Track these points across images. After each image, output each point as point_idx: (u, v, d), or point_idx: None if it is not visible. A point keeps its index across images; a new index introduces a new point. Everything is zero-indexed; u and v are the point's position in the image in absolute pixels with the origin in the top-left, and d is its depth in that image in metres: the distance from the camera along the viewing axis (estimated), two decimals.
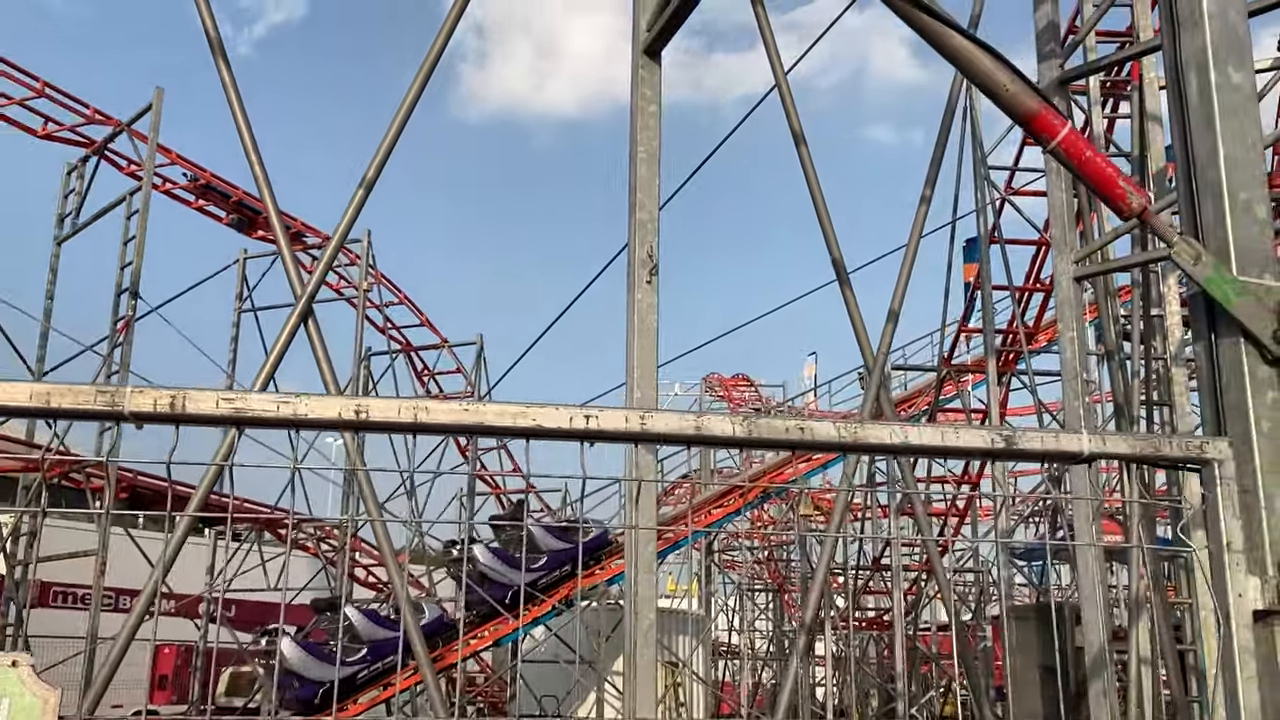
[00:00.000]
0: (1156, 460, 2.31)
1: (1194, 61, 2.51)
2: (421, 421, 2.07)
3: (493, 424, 2.07)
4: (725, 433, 2.14)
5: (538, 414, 2.07)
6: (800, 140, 6.55)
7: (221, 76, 5.75)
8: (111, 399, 1.97)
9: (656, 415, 2.12)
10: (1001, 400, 19.92)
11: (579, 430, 2.09)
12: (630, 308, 5.69)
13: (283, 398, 2.03)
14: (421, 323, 26.04)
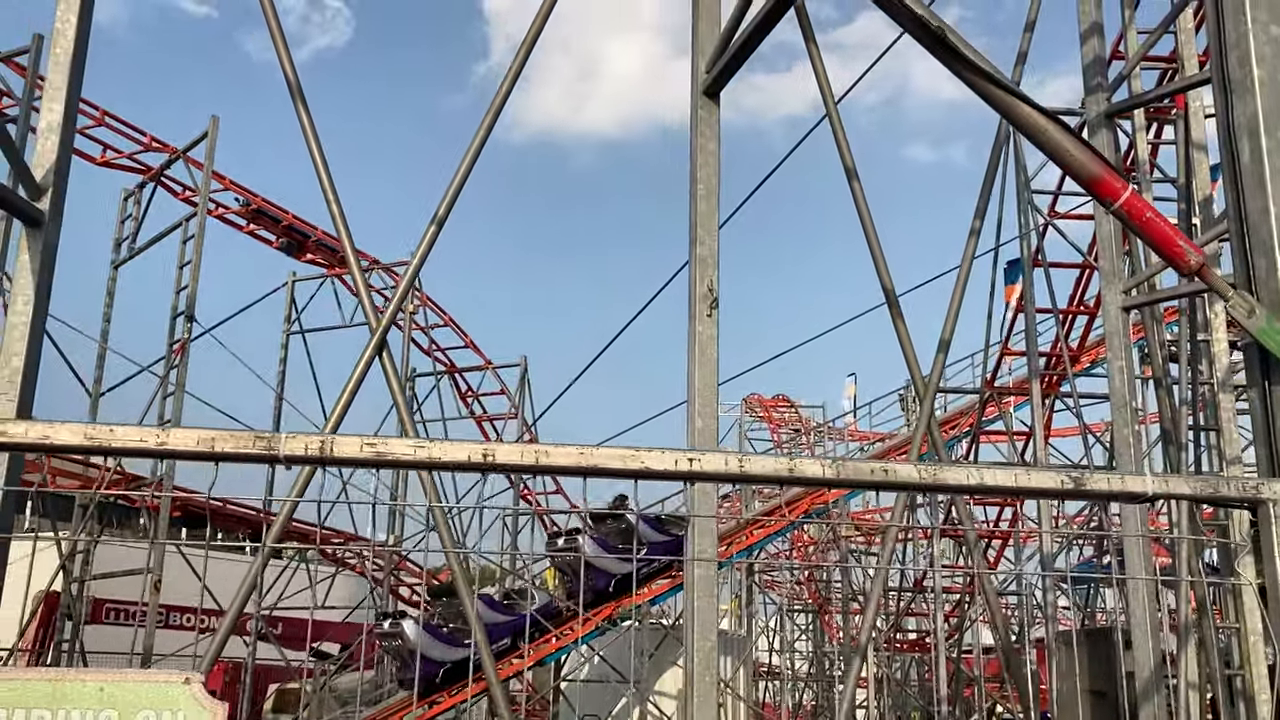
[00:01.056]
0: (1215, 500, 2.48)
1: (1246, 127, 2.69)
2: (542, 464, 2.28)
3: (606, 465, 2.29)
4: (816, 474, 2.34)
5: (646, 457, 2.28)
6: (853, 175, 6.75)
7: (301, 121, 6.05)
8: (269, 444, 2.21)
9: (753, 459, 2.32)
10: (1046, 422, 19.92)
11: (683, 472, 2.30)
12: (691, 339, 5.90)
13: (419, 443, 2.26)
14: (465, 344, 26.42)
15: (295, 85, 6.13)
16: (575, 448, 2.29)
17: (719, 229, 6.32)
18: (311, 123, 6.03)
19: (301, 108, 6.04)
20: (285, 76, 6.15)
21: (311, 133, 5.99)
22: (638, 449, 2.28)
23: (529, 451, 2.28)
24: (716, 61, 6.11)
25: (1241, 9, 2.74)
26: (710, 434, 5.80)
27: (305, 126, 5.92)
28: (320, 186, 5.95)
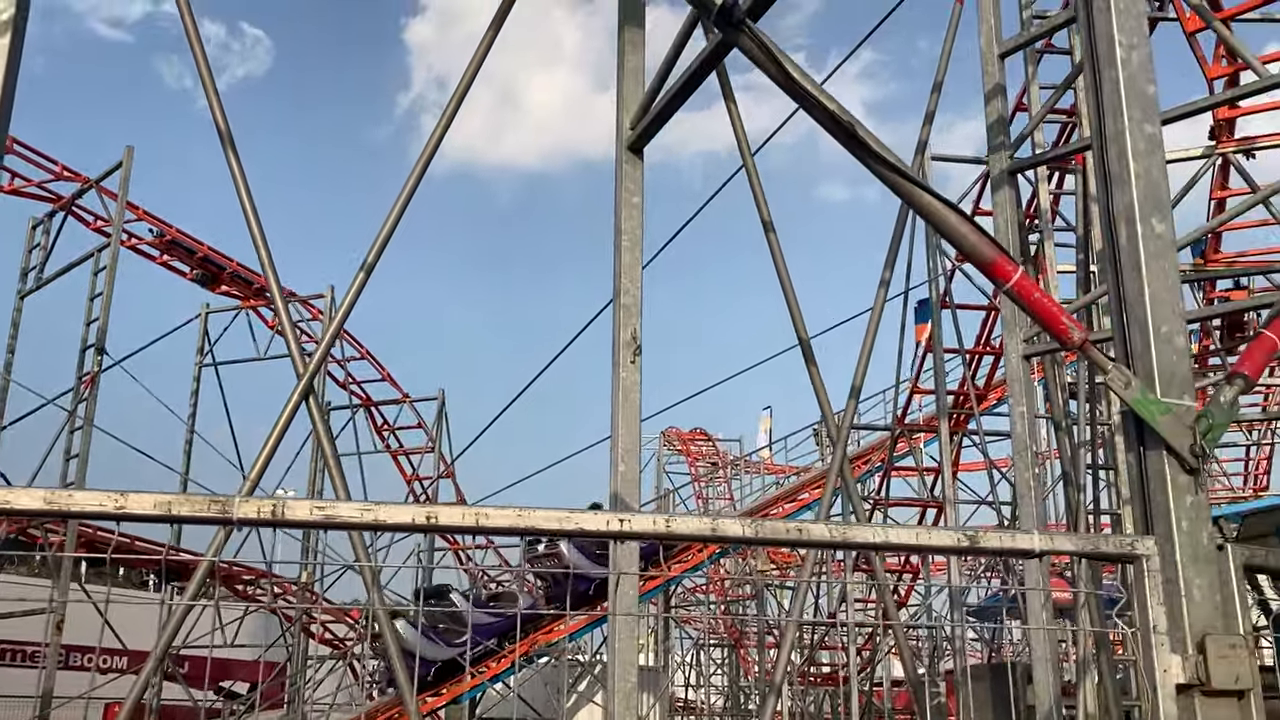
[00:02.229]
0: (1096, 556, 2.73)
1: (1124, 215, 2.98)
2: (482, 525, 2.44)
3: (542, 526, 2.45)
4: (736, 534, 2.53)
5: (580, 519, 2.45)
6: (769, 228, 7.02)
7: (231, 168, 6.11)
8: (223, 507, 2.33)
9: (678, 519, 2.51)
10: (954, 459, 20.52)
11: (614, 531, 2.47)
12: (615, 387, 6.07)
13: (366, 507, 2.40)
14: (382, 377, 26.22)
15: (226, 133, 6.20)
16: (513, 510, 2.45)
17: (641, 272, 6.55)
18: (242, 171, 6.10)
19: (231, 153, 6.11)
20: (215, 124, 6.22)
21: (241, 179, 6.06)
22: (572, 512, 2.45)
23: (469, 514, 2.43)
24: (641, 119, 6.34)
25: (1119, 108, 3.04)
26: (632, 479, 5.97)
27: (235, 174, 5.99)
28: (250, 236, 6.01)
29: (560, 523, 2.45)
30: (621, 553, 5.64)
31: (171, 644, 6.43)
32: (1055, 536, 2.70)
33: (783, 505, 27.43)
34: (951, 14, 10.01)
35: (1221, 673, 2.63)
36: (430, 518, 2.43)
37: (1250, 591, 19.41)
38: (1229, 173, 12.33)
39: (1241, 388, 2.98)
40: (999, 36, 8.67)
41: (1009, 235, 7.78)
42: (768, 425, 42.43)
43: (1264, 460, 25.04)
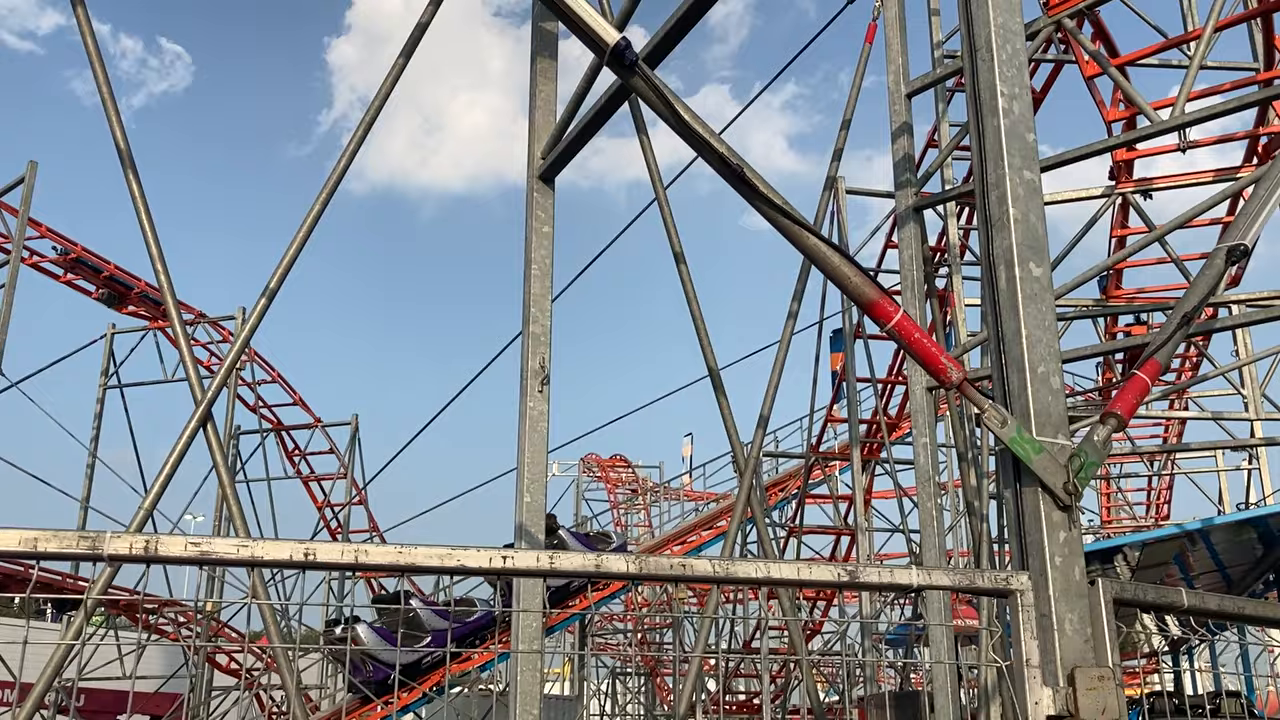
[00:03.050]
0: (972, 590, 2.80)
1: (1003, 258, 3.07)
2: (362, 562, 2.41)
3: (423, 564, 2.43)
4: (621, 570, 2.54)
5: (462, 556, 2.44)
6: (680, 259, 7.08)
7: (131, 189, 5.98)
8: (93, 543, 2.27)
9: (562, 557, 2.51)
10: (866, 486, 20.83)
11: (498, 569, 2.47)
12: (522, 415, 6.06)
13: (242, 543, 2.36)
14: (294, 401, 25.76)
15: (125, 151, 6.07)
16: (394, 547, 2.43)
17: (552, 302, 6.55)
18: (141, 190, 5.97)
19: (131, 174, 5.98)
20: (115, 142, 6.09)
21: (141, 200, 5.93)
22: (454, 548, 2.44)
23: (348, 550, 2.41)
24: (552, 149, 6.36)
25: (1000, 155, 3.14)
26: (539, 509, 5.95)
27: (134, 193, 5.86)
28: (149, 256, 5.89)
29: (442, 560, 2.44)
30: (525, 587, 5.61)
31: (61, 676, 6.21)
32: (933, 572, 2.76)
33: (700, 532, 27.52)
34: (861, 53, 10.24)
35: (1089, 704, 2.70)
36: (309, 554, 2.39)
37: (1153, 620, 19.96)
38: (1129, 212, 12.78)
39: (1115, 427, 3.08)
40: (907, 76, 8.89)
41: (914, 269, 7.96)
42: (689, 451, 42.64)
43: (1165, 490, 25.86)
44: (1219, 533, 16.26)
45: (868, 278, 2.93)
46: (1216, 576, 20.11)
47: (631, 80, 3.14)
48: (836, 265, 2.91)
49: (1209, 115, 7.69)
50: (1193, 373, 17.47)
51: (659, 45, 4.45)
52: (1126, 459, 23.76)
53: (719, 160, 2.96)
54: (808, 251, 2.93)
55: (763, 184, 2.94)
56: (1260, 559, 18.38)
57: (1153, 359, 3.24)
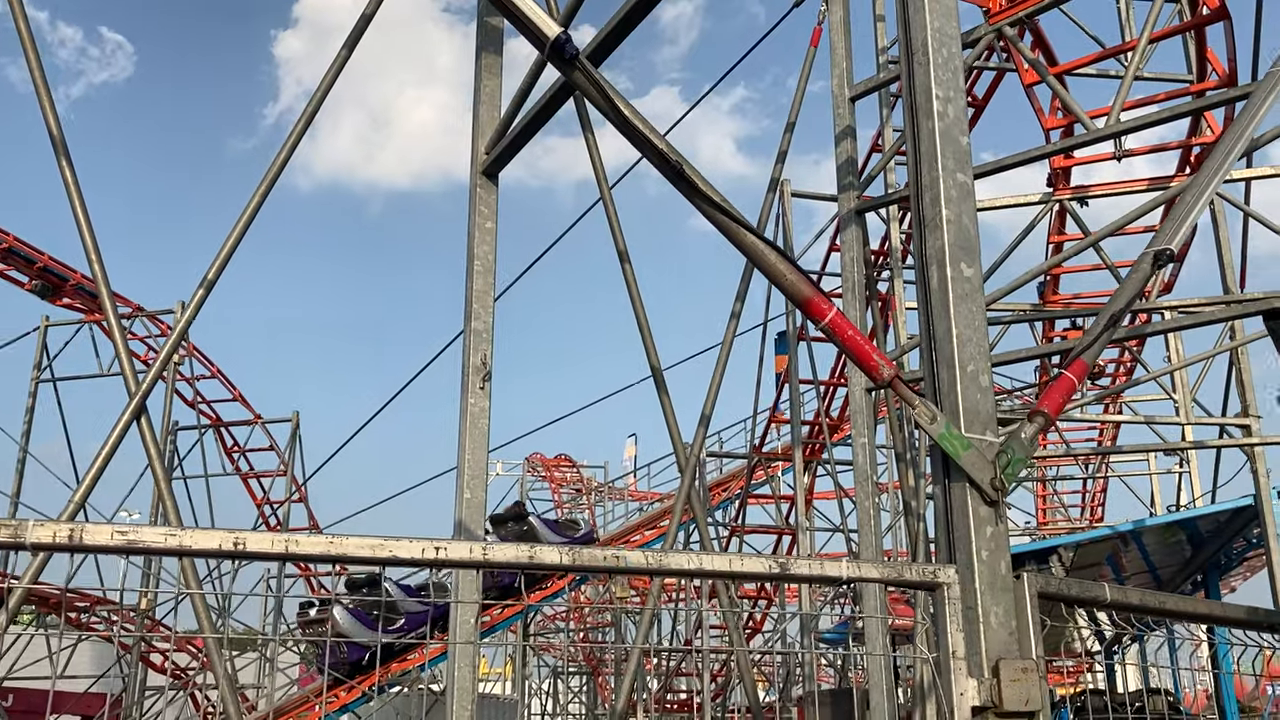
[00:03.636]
0: (900, 583, 2.85)
1: (935, 258, 3.13)
2: (292, 552, 2.40)
3: (355, 554, 2.43)
4: (554, 561, 2.56)
5: (394, 546, 2.44)
6: (624, 259, 7.10)
7: (64, 178, 5.86)
8: (14, 532, 2.23)
9: (495, 548, 2.52)
10: (809, 487, 21.01)
11: (430, 559, 2.46)
12: (463, 412, 6.03)
13: (170, 532, 2.33)
14: (234, 397, 25.39)
15: (59, 139, 5.95)
16: (325, 538, 2.42)
17: (495, 300, 6.54)
18: (75, 179, 5.86)
19: (64, 163, 5.87)
20: (49, 130, 5.98)
21: (75, 188, 5.82)
22: (386, 539, 2.43)
23: (279, 540, 2.39)
24: (496, 144, 6.34)
25: (934, 157, 3.20)
26: (478, 505, 5.93)
27: (68, 183, 5.75)
28: (83, 247, 5.78)
29: (373, 550, 2.43)
30: (462, 581, 5.59)
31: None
32: (862, 565, 2.80)
33: (643, 532, 27.57)
34: (805, 57, 10.33)
35: (1013, 695, 2.76)
36: (238, 544, 2.37)
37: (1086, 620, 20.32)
38: (1065, 219, 13.03)
39: (1042, 425, 3.15)
40: (851, 80, 8.99)
41: (855, 271, 8.06)
42: (633, 451, 42.72)
43: (1100, 492, 26.38)
44: (1150, 534, 16.64)
45: (803, 276, 2.97)
46: (1148, 577, 20.58)
47: (572, 75, 3.15)
48: (773, 263, 2.94)
49: (1142, 125, 7.88)
50: (1126, 377, 17.85)
51: (604, 42, 4.46)
52: (1062, 461, 24.21)
53: (659, 157, 2.98)
54: (746, 250, 2.97)
55: (702, 182, 2.97)
56: (1189, 560, 18.85)
57: (1079, 359, 3.32)
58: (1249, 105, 4.56)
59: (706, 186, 2.98)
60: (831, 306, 2.95)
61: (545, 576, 23.46)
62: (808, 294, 2.93)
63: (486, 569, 2.52)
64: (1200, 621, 3.52)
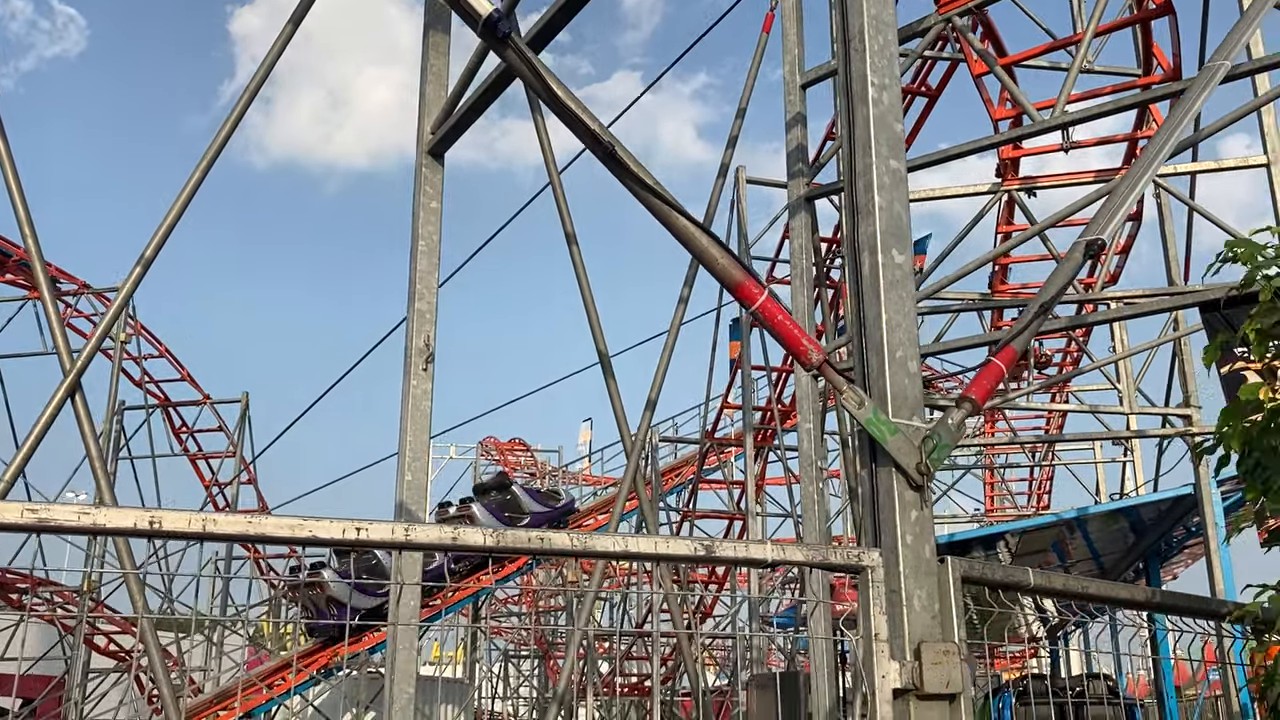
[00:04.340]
0: (825, 566, 2.87)
1: (867, 244, 3.15)
2: (210, 531, 2.37)
3: (273, 534, 2.40)
4: (477, 542, 2.55)
5: (313, 526, 2.42)
6: (572, 240, 7.08)
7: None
8: None
9: (418, 528, 2.50)
10: (760, 472, 21.14)
11: (350, 540, 2.44)
12: (405, 394, 5.99)
13: (83, 509, 2.30)
14: (182, 377, 25.04)
15: None
16: (243, 517, 2.39)
17: (441, 284, 6.49)
18: (9, 152, 5.73)
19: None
20: None
21: (8, 161, 5.70)
22: (305, 519, 2.41)
23: (196, 519, 2.36)
24: (443, 123, 6.29)
25: (869, 143, 3.21)
26: (419, 488, 5.90)
27: (1, 156, 5.63)
28: (17, 221, 5.66)
29: (293, 530, 2.41)
30: (405, 562, 5.56)
31: None
32: (787, 547, 2.82)
33: (596, 516, 27.59)
34: (758, 42, 10.34)
35: (934, 678, 2.80)
36: (154, 522, 2.34)
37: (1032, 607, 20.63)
38: (1015, 209, 13.17)
39: (969, 411, 3.19)
40: (802, 66, 9.00)
41: (803, 258, 8.09)
42: (588, 436, 42.73)
43: (1046, 480, 26.78)
44: (1093, 522, 16.91)
45: (735, 260, 2.97)
46: (1092, 564, 20.93)
47: (505, 53, 3.13)
48: (704, 246, 2.94)
49: (1087, 117, 7.97)
50: (1073, 366, 18.11)
51: (551, 21, 4.43)
52: (1010, 450, 24.53)
53: (590, 137, 2.97)
54: (676, 232, 2.97)
55: (634, 163, 2.96)
56: (1131, 547, 19.18)
57: (1009, 347, 3.35)
58: (1183, 100, 4.63)
59: (638, 168, 2.97)
60: (763, 291, 2.96)
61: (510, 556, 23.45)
62: (739, 278, 2.94)
63: (409, 550, 2.50)
64: (1122, 606, 3.59)
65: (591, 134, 2.97)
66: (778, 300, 3.03)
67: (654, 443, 21.25)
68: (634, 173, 2.96)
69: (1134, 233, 13.43)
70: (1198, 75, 4.93)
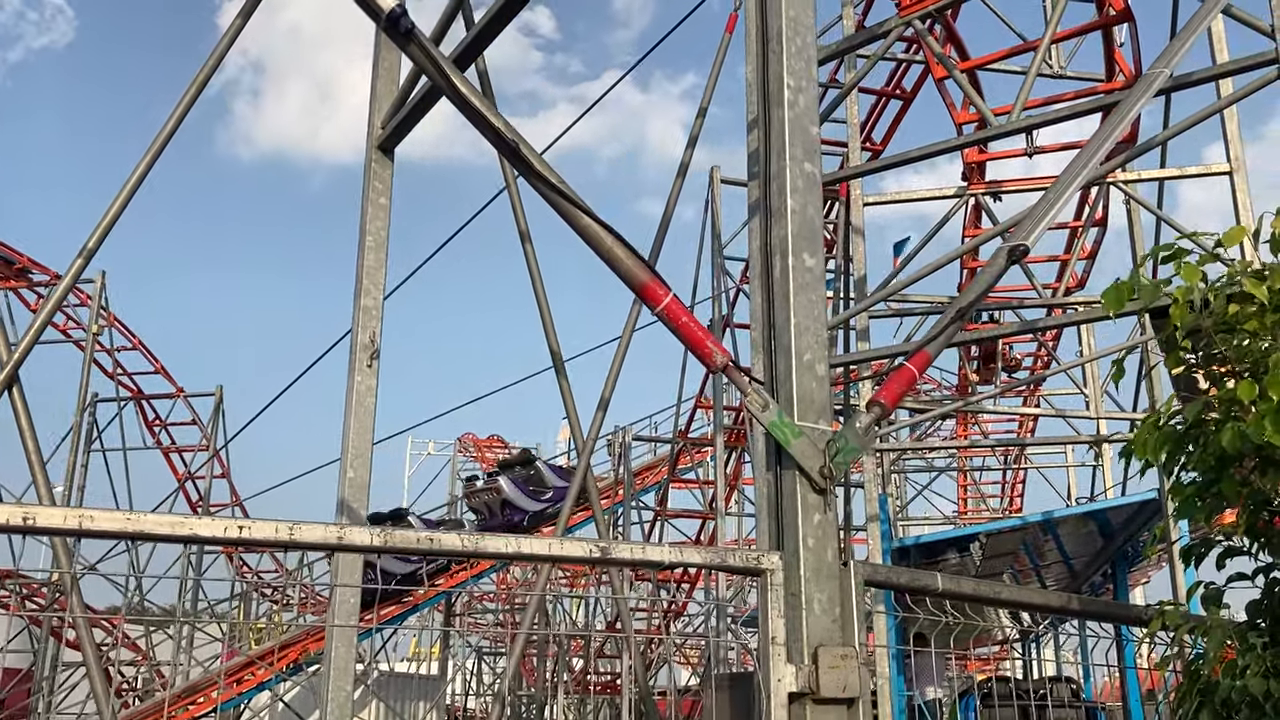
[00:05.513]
0: (724, 569, 2.86)
1: (779, 247, 3.14)
2: (86, 528, 2.34)
3: (152, 532, 2.38)
4: (364, 542, 2.53)
5: (194, 524, 2.40)
6: (525, 238, 7.06)
7: None
8: None
9: (304, 527, 2.48)
10: (735, 471, 21.15)
11: (232, 538, 2.42)
12: (350, 390, 5.96)
13: None
14: (156, 370, 24.89)
15: None
16: (123, 514, 2.37)
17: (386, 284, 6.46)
18: None
19: None
20: None
21: None
22: (186, 517, 2.39)
23: (72, 516, 2.34)
24: (392, 118, 6.26)
25: (783, 147, 3.21)
26: (361, 485, 5.87)
27: None
28: None
29: (173, 528, 2.39)
30: (343, 563, 5.53)
31: None
32: (685, 550, 2.81)
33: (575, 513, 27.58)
34: (720, 43, 10.34)
35: (830, 682, 2.79)
36: (28, 519, 2.31)
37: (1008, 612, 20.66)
38: (980, 213, 13.21)
39: (878, 415, 3.18)
40: None
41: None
42: (566, 434, 42.67)
43: (1019, 484, 26.89)
44: (1063, 525, 16.97)
45: (640, 260, 2.96)
46: (1063, 567, 21.01)
47: (408, 49, 3.11)
48: (609, 247, 2.93)
49: (1045, 122, 8.00)
50: (1045, 369, 18.18)
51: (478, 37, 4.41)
52: (982, 452, 24.62)
53: (495, 135, 2.95)
54: (581, 232, 2.95)
55: (539, 161, 2.95)
56: (1100, 551, 19.27)
57: (923, 351, 3.35)
58: (1119, 108, 4.64)
59: (543, 166, 2.95)
60: (668, 292, 2.95)
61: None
62: (644, 279, 2.93)
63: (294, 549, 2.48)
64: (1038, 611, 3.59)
65: (496, 131, 2.95)
66: (682, 303, 3.02)
67: (627, 441, 21.26)
68: (539, 171, 2.95)
69: (1100, 238, 13.49)
70: (1136, 83, 4.94)
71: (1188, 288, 3.41)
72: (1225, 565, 3.51)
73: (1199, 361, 3.70)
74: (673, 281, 3.84)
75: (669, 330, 2.94)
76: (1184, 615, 3.26)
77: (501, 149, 3.00)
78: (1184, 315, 3.46)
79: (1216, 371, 3.77)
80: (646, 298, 2.97)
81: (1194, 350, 3.68)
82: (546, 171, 2.97)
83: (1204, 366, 3.70)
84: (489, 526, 23.33)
